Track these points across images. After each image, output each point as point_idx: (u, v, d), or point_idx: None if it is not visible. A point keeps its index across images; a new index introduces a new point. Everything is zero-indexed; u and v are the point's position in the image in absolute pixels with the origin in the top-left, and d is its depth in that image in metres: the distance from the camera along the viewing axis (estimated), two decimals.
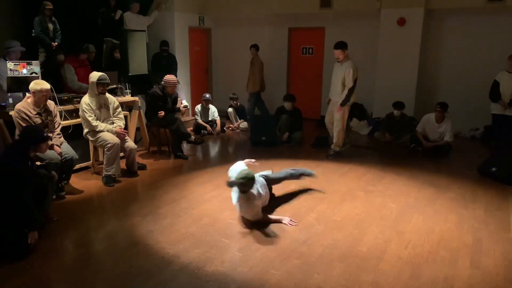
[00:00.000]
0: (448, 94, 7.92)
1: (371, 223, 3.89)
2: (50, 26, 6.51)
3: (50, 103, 4.48)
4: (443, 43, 8.14)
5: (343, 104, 5.96)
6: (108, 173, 4.89)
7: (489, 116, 6.98)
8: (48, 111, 4.39)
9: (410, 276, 2.99)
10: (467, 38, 7.89)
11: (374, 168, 5.70)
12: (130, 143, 5.17)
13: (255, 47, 8.66)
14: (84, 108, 4.84)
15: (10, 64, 4.88)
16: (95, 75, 4.91)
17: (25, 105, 4.24)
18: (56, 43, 6.53)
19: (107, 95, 5.09)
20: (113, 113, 5.14)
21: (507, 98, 6.52)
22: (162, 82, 6.08)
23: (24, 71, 4.97)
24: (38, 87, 4.19)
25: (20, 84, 4.79)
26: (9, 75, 4.83)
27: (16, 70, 4.90)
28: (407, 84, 8.06)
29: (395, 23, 7.99)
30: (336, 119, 6.13)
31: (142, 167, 5.54)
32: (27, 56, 5.73)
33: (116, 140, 4.89)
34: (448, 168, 5.76)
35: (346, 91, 5.90)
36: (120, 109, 5.25)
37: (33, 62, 5.10)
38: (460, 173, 5.46)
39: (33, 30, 6.34)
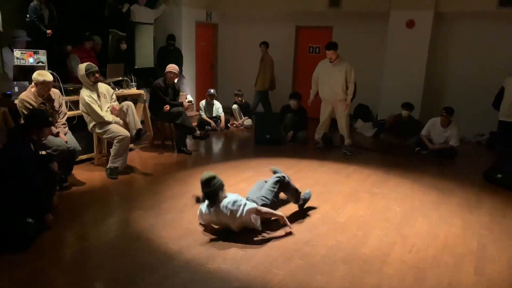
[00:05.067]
0: (455, 98, 7.87)
1: (375, 225, 3.86)
2: (46, 12, 6.21)
3: (55, 92, 4.45)
4: (451, 47, 8.08)
5: (352, 100, 6.26)
6: (115, 165, 4.86)
7: (495, 122, 6.92)
8: (51, 100, 4.36)
9: (414, 280, 2.97)
10: (476, 43, 7.83)
11: (379, 170, 5.66)
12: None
13: (265, 44, 8.55)
14: (87, 101, 4.77)
15: (17, 53, 4.86)
16: (81, 68, 4.81)
17: (28, 95, 4.21)
18: (50, 31, 6.20)
19: (99, 84, 5.00)
20: (111, 100, 5.10)
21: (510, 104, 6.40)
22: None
23: (31, 60, 4.95)
24: (41, 79, 4.16)
25: (26, 73, 4.75)
26: (16, 63, 4.81)
27: (23, 59, 4.88)
28: (414, 87, 8.01)
29: (404, 25, 7.93)
30: (343, 115, 6.35)
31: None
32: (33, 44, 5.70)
33: (126, 132, 4.87)
34: (453, 172, 5.72)
35: (352, 88, 6.11)
36: (114, 96, 5.21)
37: (40, 51, 5.08)
38: (465, 178, 5.42)
39: (27, 16, 6.06)
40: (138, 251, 3.23)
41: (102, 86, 5.07)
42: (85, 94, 4.81)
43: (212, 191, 3.36)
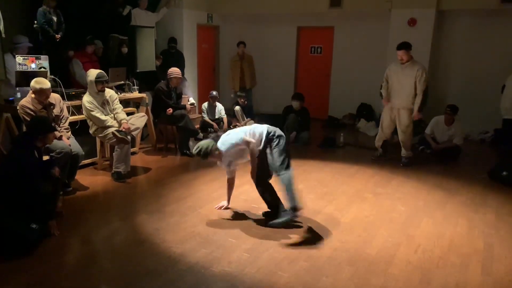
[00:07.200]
0: (458, 96, 7.82)
1: (380, 226, 3.84)
2: (54, 18, 6.22)
3: (55, 97, 4.44)
4: (454, 45, 8.05)
5: (420, 110, 5.62)
6: (118, 170, 4.87)
7: (499, 119, 6.87)
8: (52, 105, 4.35)
9: (420, 281, 2.94)
10: (479, 40, 7.79)
11: (382, 170, 5.63)
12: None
13: (243, 43, 8.63)
14: (88, 107, 4.75)
15: (19, 59, 4.87)
16: (92, 74, 4.76)
17: (28, 100, 4.21)
18: (59, 36, 6.24)
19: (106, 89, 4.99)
20: (113, 105, 5.03)
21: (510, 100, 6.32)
22: (167, 76, 6.04)
23: (33, 65, 4.96)
24: (38, 87, 4.13)
25: (28, 79, 4.75)
26: (18, 69, 4.82)
27: (25, 65, 4.89)
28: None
29: (406, 24, 7.90)
30: (407, 125, 5.78)
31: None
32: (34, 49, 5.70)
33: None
34: (458, 171, 5.68)
35: (421, 95, 5.55)
36: (117, 100, 5.12)
37: (42, 57, 5.09)
38: (469, 177, 5.38)
39: (35, 22, 6.07)
40: (142, 255, 3.23)
41: (107, 92, 5.01)
42: (86, 100, 4.77)
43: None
